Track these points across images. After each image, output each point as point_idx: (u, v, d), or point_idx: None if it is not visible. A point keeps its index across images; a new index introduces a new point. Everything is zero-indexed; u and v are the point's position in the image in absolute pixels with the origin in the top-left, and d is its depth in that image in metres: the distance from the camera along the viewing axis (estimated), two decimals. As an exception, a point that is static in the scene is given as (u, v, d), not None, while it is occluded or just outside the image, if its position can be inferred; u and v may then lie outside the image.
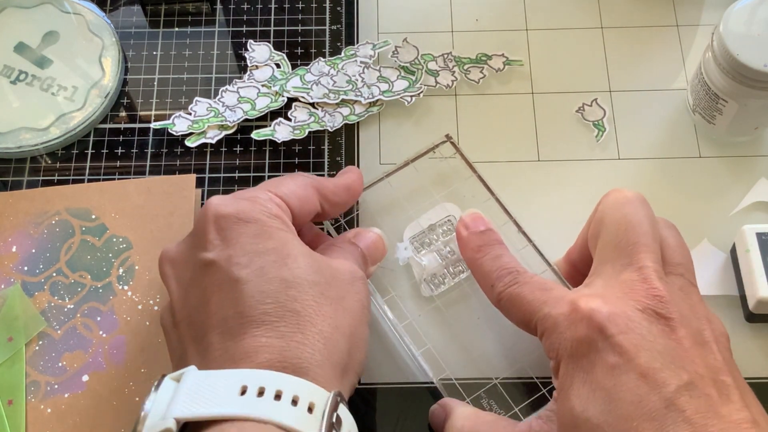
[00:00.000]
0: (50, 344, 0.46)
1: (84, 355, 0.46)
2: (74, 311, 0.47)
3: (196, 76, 0.56)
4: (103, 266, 0.48)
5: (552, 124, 0.54)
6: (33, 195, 0.51)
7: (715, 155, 0.52)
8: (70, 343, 0.46)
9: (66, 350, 0.46)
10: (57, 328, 0.47)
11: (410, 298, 0.48)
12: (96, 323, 0.47)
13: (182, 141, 0.53)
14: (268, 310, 0.37)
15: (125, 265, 0.48)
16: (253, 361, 0.35)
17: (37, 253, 0.49)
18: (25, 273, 0.48)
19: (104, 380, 0.45)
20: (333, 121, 0.53)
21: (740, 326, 0.47)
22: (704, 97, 0.50)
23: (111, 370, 0.45)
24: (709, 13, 0.57)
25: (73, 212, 0.50)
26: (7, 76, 0.55)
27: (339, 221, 0.50)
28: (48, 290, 0.48)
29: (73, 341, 0.46)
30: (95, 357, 0.46)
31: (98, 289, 0.48)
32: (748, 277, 0.46)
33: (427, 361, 0.45)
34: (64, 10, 0.57)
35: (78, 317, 0.47)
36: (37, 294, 0.48)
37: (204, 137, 0.53)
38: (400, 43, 0.56)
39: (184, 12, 0.58)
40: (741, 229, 0.47)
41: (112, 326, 0.47)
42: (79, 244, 0.49)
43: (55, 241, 0.49)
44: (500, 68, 0.56)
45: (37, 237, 0.49)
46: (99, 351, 0.46)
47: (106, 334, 0.46)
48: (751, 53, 0.45)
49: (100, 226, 0.49)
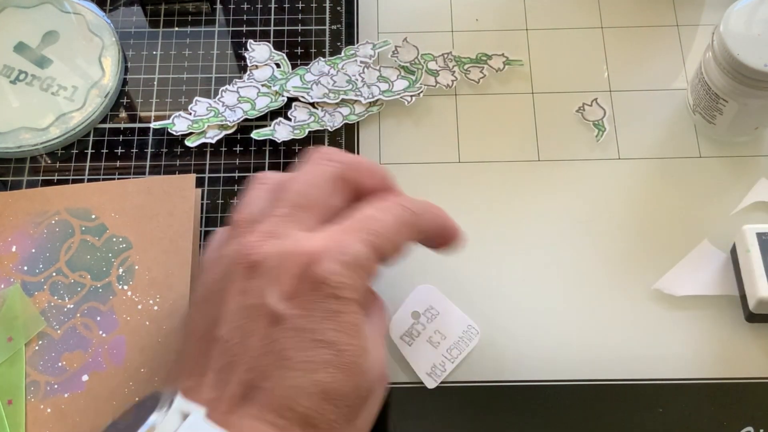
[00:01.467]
0: (50, 344, 0.46)
1: (84, 355, 0.46)
2: (74, 311, 0.47)
3: (196, 76, 0.56)
4: (103, 266, 0.48)
5: (552, 124, 0.54)
6: (33, 195, 0.51)
7: (715, 155, 0.52)
8: (69, 343, 0.46)
9: (66, 350, 0.46)
10: (57, 327, 0.47)
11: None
12: (96, 323, 0.47)
13: (182, 141, 0.53)
14: (295, 409, 0.34)
15: (125, 265, 0.48)
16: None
17: (36, 252, 0.49)
18: (24, 273, 0.48)
19: (104, 380, 0.45)
20: (333, 121, 0.53)
21: (740, 326, 0.47)
22: (704, 97, 0.50)
23: (111, 370, 0.45)
24: (709, 13, 0.57)
25: (73, 212, 0.50)
26: (7, 75, 0.55)
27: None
28: (48, 290, 0.48)
29: (72, 341, 0.46)
30: (95, 357, 0.46)
31: (98, 288, 0.48)
32: (749, 277, 0.46)
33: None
34: (64, 10, 0.57)
35: (78, 317, 0.47)
36: (36, 294, 0.47)
37: (204, 137, 0.53)
38: (400, 43, 0.56)
39: (184, 12, 0.58)
40: (741, 229, 0.47)
41: (112, 326, 0.46)
42: (79, 243, 0.49)
43: (55, 241, 0.49)
44: (500, 68, 0.56)
45: (36, 237, 0.49)
46: (99, 351, 0.46)
47: (106, 334, 0.46)
48: (751, 53, 0.45)
49: (100, 226, 0.49)
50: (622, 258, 0.49)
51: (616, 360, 0.46)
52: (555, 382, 0.46)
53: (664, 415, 0.45)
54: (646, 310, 0.48)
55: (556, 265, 0.49)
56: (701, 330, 0.47)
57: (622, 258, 0.49)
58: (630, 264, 0.49)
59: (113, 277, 0.48)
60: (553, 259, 0.49)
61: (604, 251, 0.49)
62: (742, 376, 0.46)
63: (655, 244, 0.50)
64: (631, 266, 0.49)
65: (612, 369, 0.46)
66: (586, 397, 0.46)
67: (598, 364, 0.46)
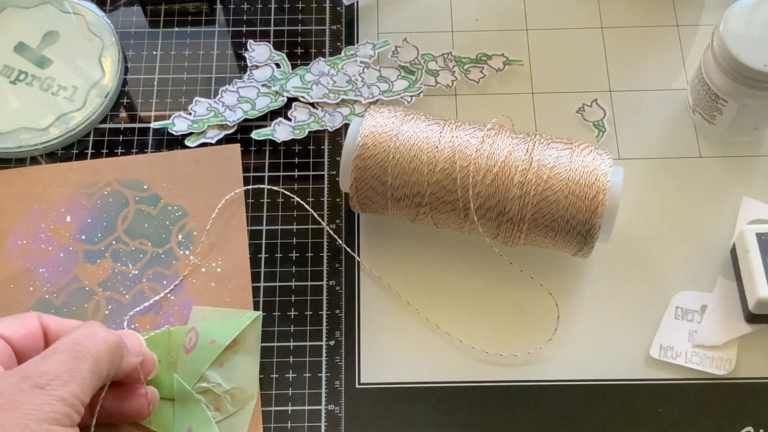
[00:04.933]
0: (119, 308, 0.48)
1: (155, 317, 0.48)
2: (139, 276, 0.49)
3: (196, 76, 0.56)
4: (162, 233, 0.50)
5: (552, 125, 0.54)
6: (80, 167, 0.52)
7: (715, 155, 0.52)
8: (139, 306, 0.48)
9: (137, 313, 0.48)
10: (124, 293, 0.48)
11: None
12: (162, 287, 0.49)
13: (182, 141, 0.53)
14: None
15: (183, 232, 0.50)
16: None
17: (93, 222, 0.50)
18: (83, 242, 0.50)
19: None
20: (333, 121, 0.53)
21: (740, 326, 0.47)
22: (704, 97, 0.50)
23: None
24: (709, 13, 0.57)
25: (124, 183, 0.52)
26: (7, 76, 0.55)
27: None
28: (110, 257, 0.49)
29: (142, 304, 0.48)
30: (167, 318, 0.48)
31: (160, 255, 0.49)
32: (748, 278, 0.46)
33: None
34: (64, 10, 0.57)
35: (144, 282, 0.49)
36: (99, 261, 0.49)
37: (204, 137, 0.53)
38: (400, 43, 0.56)
39: (184, 12, 0.58)
40: (741, 230, 0.47)
41: (179, 289, 0.48)
42: (135, 213, 0.51)
43: (110, 211, 0.51)
44: (500, 68, 0.56)
45: (90, 207, 0.51)
46: (170, 312, 0.48)
47: (174, 297, 0.48)
48: (751, 53, 0.45)
49: (154, 196, 0.51)
50: (621, 258, 0.49)
51: (616, 360, 0.47)
52: (555, 382, 0.46)
53: (664, 415, 0.45)
54: (645, 310, 0.48)
55: (557, 264, 0.49)
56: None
57: (622, 258, 0.49)
58: (629, 263, 0.49)
59: (173, 244, 0.50)
60: (552, 259, 0.49)
61: (604, 251, 0.49)
62: (742, 376, 0.46)
63: (654, 244, 0.50)
64: (631, 266, 0.49)
65: (612, 369, 0.46)
66: (586, 396, 0.46)
67: (598, 363, 0.46)
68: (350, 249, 0.50)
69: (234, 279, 0.48)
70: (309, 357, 0.47)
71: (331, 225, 0.51)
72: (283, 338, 0.47)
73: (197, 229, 0.50)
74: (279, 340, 0.47)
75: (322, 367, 0.47)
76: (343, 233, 0.50)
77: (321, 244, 0.50)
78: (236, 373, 0.45)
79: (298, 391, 0.46)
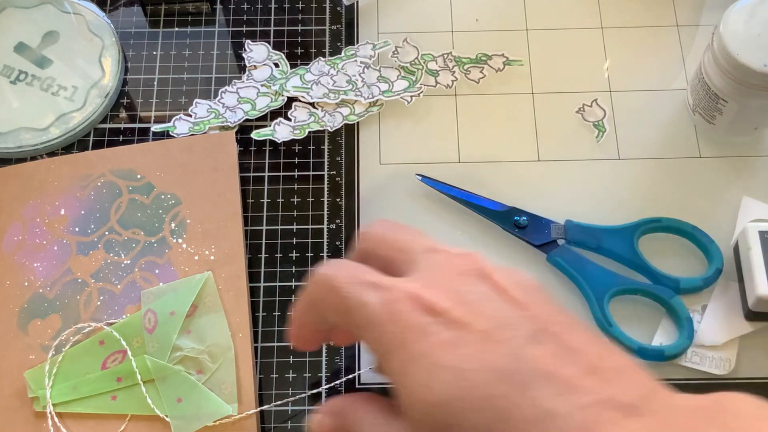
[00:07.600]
0: (111, 298, 0.48)
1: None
2: (131, 266, 0.49)
3: (196, 76, 0.56)
4: (155, 222, 0.50)
5: (552, 124, 0.54)
6: (74, 160, 0.52)
7: (715, 155, 0.52)
8: (131, 296, 0.48)
9: (128, 303, 0.48)
10: (116, 283, 0.48)
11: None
12: (155, 275, 0.48)
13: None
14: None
15: (176, 220, 0.50)
16: None
17: (86, 214, 0.50)
18: (77, 234, 0.50)
19: None
20: (333, 121, 0.53)
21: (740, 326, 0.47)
22: (704, 97, 0.50)
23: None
24: (709, 13, 0.57)
25: (118, 173, 0.51)
26: (7, 76, 0.55)
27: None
28: (103, 248, 0.49)
29: (134, 294, 0.48)
30: None
31: (153, 243, 0.49)
32: (749, 275, 0.46)
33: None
34: (64, 10, 0.57)
35: (136, 271, 0.49)
36: (92, 252, 0.49)
37: (204, 137, 0.53)
38: (400, 43, 0.56)
39: (184, 12, 0.58)
40: (744, 227, 0.47)
41: (171, 277, 0.48)
42: (128, 202, 0.50)
43: (104, 202, 0.51)
44: (500, 68, 0.56)
45: (84, 199, 0.51)
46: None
47: (165, 285, 0.48)
48: (751, 53, 0.45)
49: (147, 185, 0.51)
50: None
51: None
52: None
53: (665, 414, 0.45)
54: (645, 309, 0.48)
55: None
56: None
57: (622, 258, 0.49)
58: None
59: (166, 232, 0.50)
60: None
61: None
62: (743, 376, 0.46)
63: (654, 244, 0.50)
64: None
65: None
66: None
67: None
68: (350, 249, 0.50)
69: (227, 266, 0.48)
70: (309, 357, 0.47)
71: (331, 225, 0.51)
72: (283, 338, 0.47)
73: (190, 217, 0.50)
74: (279, 340, 0.47)
75: (322, 367, 0.47)
76: (343, 233, 0.50)
77: (321, 244, 0.50)
78: (207, 333, 0.46)
79: (298, 391, 0.46)
